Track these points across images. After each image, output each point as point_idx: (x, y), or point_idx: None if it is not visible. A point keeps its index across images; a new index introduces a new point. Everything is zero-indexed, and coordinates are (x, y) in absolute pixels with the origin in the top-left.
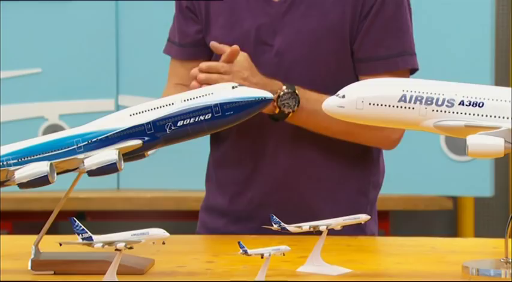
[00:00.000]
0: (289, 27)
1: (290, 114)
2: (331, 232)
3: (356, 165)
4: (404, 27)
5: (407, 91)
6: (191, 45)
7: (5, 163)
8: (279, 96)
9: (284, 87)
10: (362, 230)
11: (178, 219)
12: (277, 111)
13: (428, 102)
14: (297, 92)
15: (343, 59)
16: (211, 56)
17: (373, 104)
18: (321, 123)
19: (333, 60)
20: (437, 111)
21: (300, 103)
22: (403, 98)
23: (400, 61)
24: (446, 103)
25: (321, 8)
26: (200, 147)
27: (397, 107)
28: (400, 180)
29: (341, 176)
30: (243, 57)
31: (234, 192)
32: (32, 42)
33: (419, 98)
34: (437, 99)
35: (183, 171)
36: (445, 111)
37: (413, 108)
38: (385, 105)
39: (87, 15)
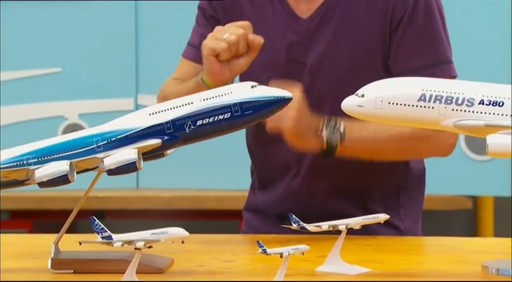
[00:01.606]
0: (320, 44)
1: (338, 147)
2: (351, 232)
3: (383, 170)
4: (438, 35)
5: (426, 90)
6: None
7: (25, 162)
8: (322, 131)
9: (325, 121)
10: (401, 233)
11: (198, 219)
12: (324, 146)
13: (448, 102)
14: (338, 123)
15: (376, 74)
16: None
17: (393, 104)
18: (371, 148)
19: (366, 76)
20: (457, 110)
21: (346, 133)
22: (422, 98)
23: (437, 71)
24: (466, 102)
25: (351, 24)
26: (219, 146)
27: (417, 106)
28: None
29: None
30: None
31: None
32: (52, 41)
33: (438, 98)
34: (457, 99)
35: (202, 171)
36: (464, 111)
37: (432, 108)
38: (405, 105)
39: (106, 15)
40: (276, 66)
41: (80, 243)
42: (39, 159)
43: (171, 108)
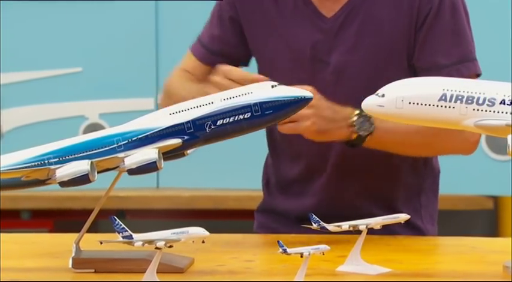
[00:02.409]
0: (344, 43)
1: (367, 138)
2: (370, 232)
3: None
4: (463, 32)
5: (447, 90)
6: (218, 54)
7: (46, 162)
8: (353, 121)
9: (356, 111)
10: (422, 234)
11: (218, 218)
12: (354, 136)
13: (469, 101)
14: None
15: (401, 74)
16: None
17: (413, 103)
18: (397, 140)
19: (391, 75)
20: (478, 110)
21: (375, 124)
22: (443, 97)
23: (462, 68)
24: (487, 102)
25: (376, 22)
26: (239, 146)
27: (438, 106)
28: (441, 179)
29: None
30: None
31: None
32: (73, 41)
33: (459, 97)
34: (478, 98)
35: (222, 170)
36: (485, 111)
37: (453, 108)
38: (425, 105)
39: (127, 15)
40: (301, 65)
41: (101, 243)
42: (60, 158)
43: (191, 108)
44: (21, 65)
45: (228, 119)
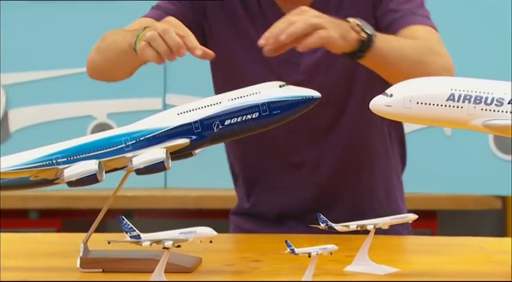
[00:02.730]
0: None
1: (372, 43)
2: (377, 231)
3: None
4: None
5: (455, 90)
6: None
7: (54, 162)
8: (356, 23)
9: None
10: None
11: (225, 218)
12: (364, 36)
13: (477, 101)
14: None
15: (380, 82)
16: None
17: (421, 103)
18: (396, 52)
19: (363, 67)
20: (486, 110)
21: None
22: (451, 97)
23: (417, 14)
24: (495, 102)
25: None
26: None
27: (446, 106)
28: (448, 179)
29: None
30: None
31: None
32: (80, 41)
33: (467, 97)
34: (486, 98)
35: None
36: (494, 110)
37: (461, 107)
38: (433, 104)
39: (134, 14)
40: (270, 69)
41: (109, 243)
42: (68, 158)
43: (199, 108)
44: (29, 65)
45: (235, 118)
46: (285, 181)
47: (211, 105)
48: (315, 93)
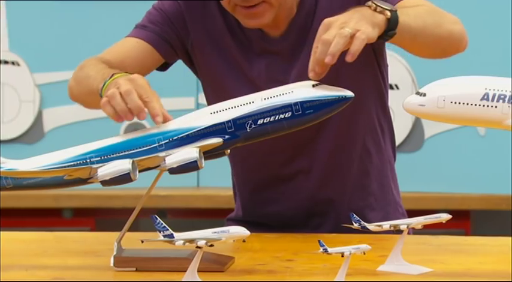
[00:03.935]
0: (300, 61)
1: (398, 18)
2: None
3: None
4: None
5: (489, 89)
6: (162, 38)
7: (88, 161)
8: (373, 3)
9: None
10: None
11: None
12: (388, 14)
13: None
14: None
15: (365, 72)
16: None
17: (455, 103)
18: (418, 20)
19: (355, 75)
20: None
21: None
22: (485, 97)
23: None
24: None
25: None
26: None
27: (479, 105)
28: (482, 179)
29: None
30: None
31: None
32: (112, 40)
33: (502, 97)
34: None
35: None
36: None
37: (495, 107)
38: (467, 104)
39: None
40: (256, 86)
41: (142, 242)
42: (102, 157)
43: (232, 107)
44: (64, 64)
45: (268, 118)
46: (280, 192)
47: (244, 104)
48: (348, 93)
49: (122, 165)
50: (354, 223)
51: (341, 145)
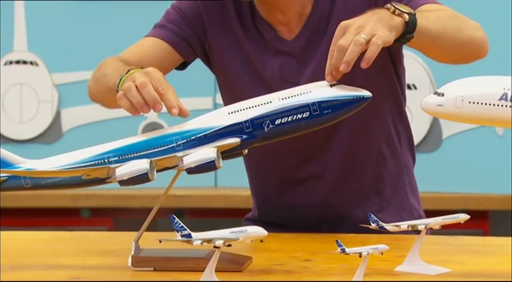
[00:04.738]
0: (313, 63)
1: (416, 22)
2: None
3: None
4: None
5: (508, 89)
6: (181, 38)
7: (106, 161)
8: (395, 8)
9: (388, 4)
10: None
11: None
12: (406, 17)
13: None
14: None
15: (377, 75)
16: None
17: (473, 103)
18: (438, 24)
19: (366, 79)
20: None
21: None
22: (504, 97)
23: None
24: None
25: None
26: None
27: (498, 105)
28: (500, 179)
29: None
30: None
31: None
32: (130, 40)
33: None
34: None
35: None
36: None
37: None
38: (486, 104)
39: None
40: (269, 86)
41: (160, 241)
42: (120, 157)
43: (249, 107)
44: (82, 64)
45: (286, 118)
46: (292, 196)
47: (261, 104)
48: (366, 93)
49: (140, 165)
50: (371, 223)
51: (354, 150)
